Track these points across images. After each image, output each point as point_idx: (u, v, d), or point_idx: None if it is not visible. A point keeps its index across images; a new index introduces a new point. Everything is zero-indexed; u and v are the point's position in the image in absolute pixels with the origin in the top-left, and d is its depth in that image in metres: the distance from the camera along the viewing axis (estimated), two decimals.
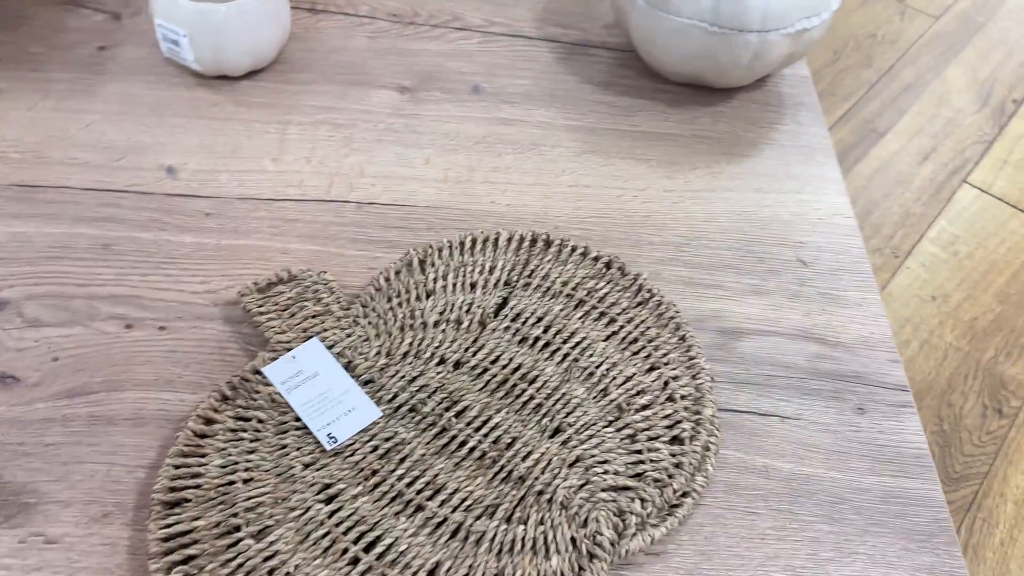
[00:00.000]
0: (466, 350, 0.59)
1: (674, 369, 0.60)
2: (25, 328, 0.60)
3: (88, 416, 0.55)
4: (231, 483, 0.52)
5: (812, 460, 0.58)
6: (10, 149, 0.71)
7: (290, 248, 0.66)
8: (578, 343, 0.60)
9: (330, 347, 0.58)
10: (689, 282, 0.67)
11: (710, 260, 0.69)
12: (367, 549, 0.50)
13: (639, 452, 0.55)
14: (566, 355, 0.60)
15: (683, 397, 0.58)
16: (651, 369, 0.60)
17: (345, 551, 0.50)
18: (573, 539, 0.51)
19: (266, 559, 0.49)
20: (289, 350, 0.58)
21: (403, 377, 0.57)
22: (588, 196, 0.73)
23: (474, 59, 0.85)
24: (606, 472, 0.54)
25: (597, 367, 0.59)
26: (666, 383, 0.59)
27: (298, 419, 0.55)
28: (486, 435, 0.55)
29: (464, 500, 0.52)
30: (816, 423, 0.60)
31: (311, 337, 0.59)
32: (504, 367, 0.59)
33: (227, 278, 0.64)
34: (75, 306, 0.61)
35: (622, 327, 0.62)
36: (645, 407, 0.58)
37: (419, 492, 0.52)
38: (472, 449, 0.54)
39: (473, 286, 0.63)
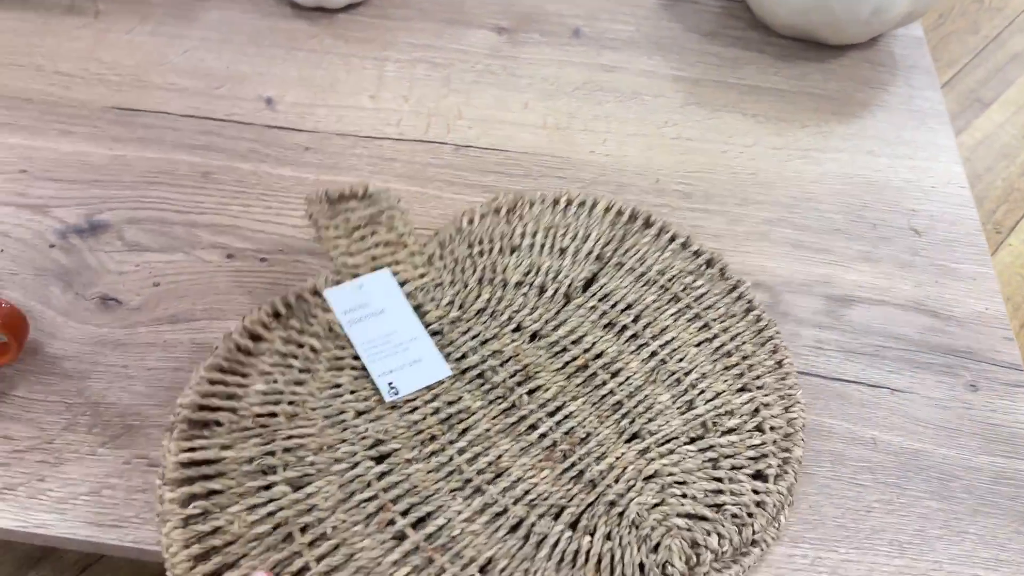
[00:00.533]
0: (547, 322, 0.54)
1: (767, 395, 0.53)
2: (126, 252, 0.59)
3: (191, 343, 0.55)
4: (272, 415, 0.46)
5: (922, 435, 0.56)
6: (109, 72, 0.71)
7: (388, 187, 0.65)
8: (668, 342, 0.54)
9: (400, 284, 0.52)
10: (797, 244, 0.65)
11: (819, 223, 0.66)
12: (416, 525, 0.45)
13: (720, 480, 0.50)
14: (654, 353, 0.54)
15: (773, 429, 0.52)
16: (742, 390, 0.54)
17: (391, 522, 0.44)
18: (642, 564, 0.46)
19: (300, 513, 0.44)
20: (356, 276, 0.52)
21: (475, 336, 0.52)
22: (692, 150, 0.70)
23: (574, 1, 0.82)
24: (684, 495, 0.49)
25: (686, 375, 0.53)
26: (757, 410, 0.53)
27: (356, 358, 0.49)
28: (559, 423, 0.50)
29: (527, 492, 0.47)
30: (927, 398, 0.57)
31: (381, 267, 0.53)
32: (586, 351, 0.53)
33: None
34: (176, 232, 0.61)
35: (716, 336, 0.55)
36: (732, 431, 0.52)
37: (480, 472, 0.47)
38: (543, 435, 0.49)
39: (563, 251, 0.58)
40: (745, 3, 0.82)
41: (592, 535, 0.46)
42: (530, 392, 0.51)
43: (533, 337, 0.53)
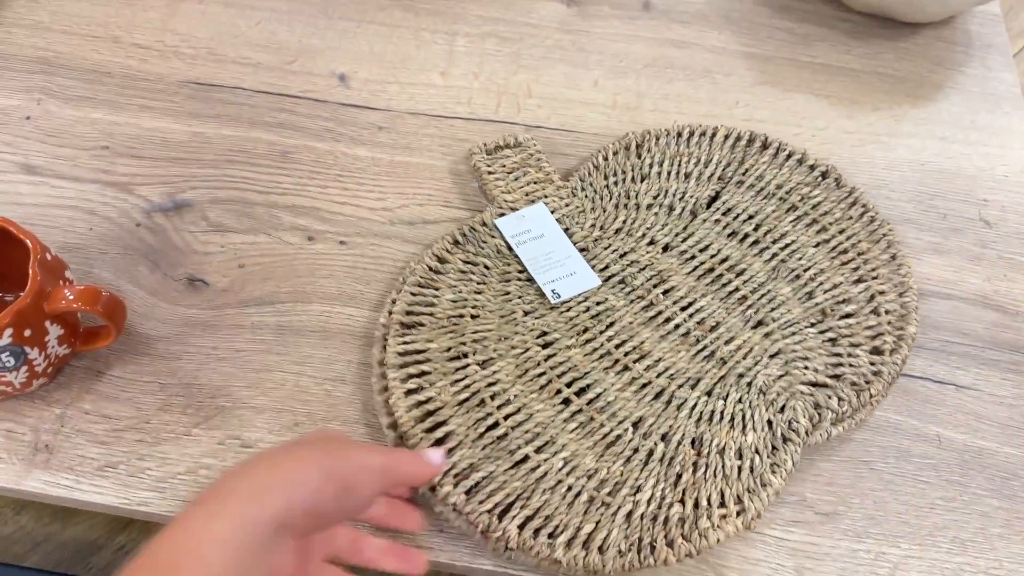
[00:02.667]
0: (676, 235, 0.62)
1: (882, 284, 0.60)
2: (210, 232, 0.61)
3: (276, 325, 0.57)
4: (460, 316, 0.57)
5: (986, 433, 0.57)
6: (183, 44, 0.71)
7: (460, 170, 0.66)
8: (787, 245, 0.61)
9: (551, 212, 0.62)
10: None
11: (890, 212, 0.66)
12: (578, 394, 0.54)
13: (839, 355, 0.57)
14: (774, 255, 0.61)
15: (888, 312, 0.59)
16: (859, 281, 0.60)
17: (559, 391, 0.54)
18: (769, 421, 0.53)
19: (489, 384, 0.54)
20: (514, 210, 0.62)
21: (615, 251, 0.60)
22: (764, 132, 0.70)
23: None
24: (806, 368, 0.56)
25: (805, 271, 0.60)
26: (872, 296, 0.59)
27: (520, 271, 0.59)
28: (691, 315, 0.58)
29: (668, 368, 0.55)
30: (992, 395, 0.58)
31: (533, 201, 0.62)
32: (712, 256, 0.61)
33: (402, 196, 0.64)
34: (257, 213, 0.62)
35: (833, 237, 0.62)
36: (849, 315, 0.59)
37: (626, 354, 0.56)
38: (677, 326, 0.57)
39: (687, 176, 0.65)
40: None
41: (725, 399, 0.54)
42: (665, 292, 0.59)
43: (665, 248, 0.61)
